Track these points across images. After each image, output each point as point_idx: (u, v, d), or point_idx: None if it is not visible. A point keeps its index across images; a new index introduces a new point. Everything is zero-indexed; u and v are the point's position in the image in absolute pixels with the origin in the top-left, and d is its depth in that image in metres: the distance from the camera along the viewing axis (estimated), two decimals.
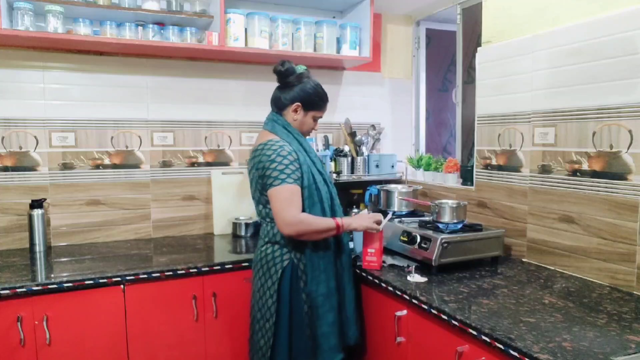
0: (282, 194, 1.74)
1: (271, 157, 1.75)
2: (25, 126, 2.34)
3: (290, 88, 1.88)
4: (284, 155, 1.76)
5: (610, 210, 1.78)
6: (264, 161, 1.76)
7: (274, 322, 1.80)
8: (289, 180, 1.74)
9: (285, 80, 1.89)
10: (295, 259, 1.81)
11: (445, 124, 3.56)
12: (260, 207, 1.87)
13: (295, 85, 1.88)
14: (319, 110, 1.94)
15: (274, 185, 1.74)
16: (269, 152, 1.77)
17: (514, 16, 2.21)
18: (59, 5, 2.13)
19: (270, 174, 1.74)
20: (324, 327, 1.81)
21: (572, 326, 1.41)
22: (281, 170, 1.74)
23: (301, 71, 1.90)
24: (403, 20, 3.17)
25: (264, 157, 1.77)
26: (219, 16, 2.36)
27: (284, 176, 1.73)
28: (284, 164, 1.75)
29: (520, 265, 2.07)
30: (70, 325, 1.87)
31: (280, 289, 1.80)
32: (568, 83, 1.93)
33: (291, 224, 1.73)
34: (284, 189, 1.73)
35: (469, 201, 2.40)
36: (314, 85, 1.90)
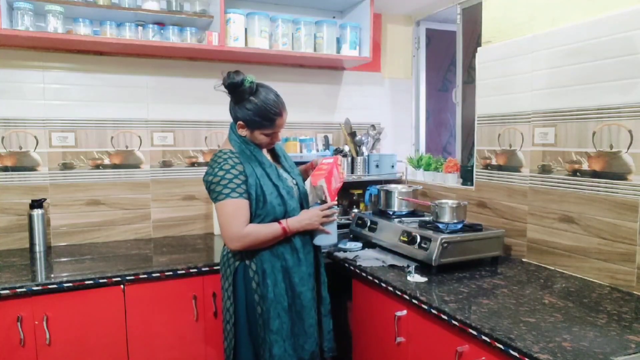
0: (225, 209, 1.70)
1: (215, 171, 1.72)
2: (25, 126, 2.34)
3: (238, 103, 1.82)
4: (227, 170, 1.71)
5: (610, 210, 1.78)
6: (209, 173, 1.74)
7: (233, 322, 1.79)
8: (233, 194, 1.70)
9: (233, 94, 1.83)
10: (247, 259, 1.78)
11: (445, 124, 3.56)
12: None
13: (242, 101, 1.81)
14: (265, 129, 1.81)
15: (218, 199, 1.71)
16: (213, 165, 1.74)
17: (514, 16, 2.21)
18: (59, 5, 2.13)
19: (215, 189, 1.71)
20: (268, 334, 1.74)
21: (572, 326, 1.41)
22: (224, 185, 1.70)
23: (245, 86, 1.79)
24: (403, 20, 3.17)
25: (209, 169, 1.75)
26: (219, 16, 2.36)
27: (228, 190, 1.70)
28: (227, 178, 1.71)
29: (520, 265, 2.07)
30: (70, 325, 1.87)
31: (236, 290, 1.79)
32: (568, 83, 1.93)
33: (236, 239, 1.70)
34: (227, 204, 1.70)
35: (469, 201, 2.40)
36: (254, 101, 1.79)
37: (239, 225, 1.70)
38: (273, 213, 1.76)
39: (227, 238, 1.72)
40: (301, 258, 1.80)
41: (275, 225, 1.75)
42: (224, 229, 1.72)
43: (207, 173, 1.75)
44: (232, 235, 1.70)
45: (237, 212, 1.70)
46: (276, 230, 1.74)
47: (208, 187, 1.75)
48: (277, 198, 1.77)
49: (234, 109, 1.85)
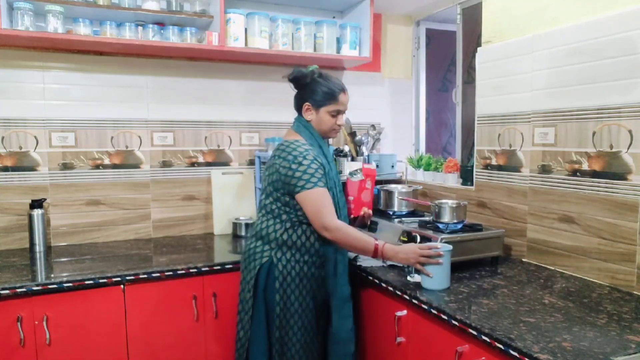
0: (316, 196, 1.73)
1: (298, 159, 1.74)
2: (25, 126, 2.34)
3: (303, 88, 1.92)
4: (311, 160, 1.76)
5: (610, 210, 1.78)
6: (290, 160, 1.75)
7: (250, 315, 1.82)
8: (320, 184, 1.74)
9: (298, 85, 1.93)
10: (275, 257, 1.80)
11: (445, 124, 3.56)
12: (267, 201, 1.86)
13: (307, 85, 1.90)
14: (330, 104, 1.90)
15: (306, 188, 1.72)
16: (295, 153, 1.76)
17: (514, 16, 2.21)
18: (59, 5, 2.13)
19: (301, 177, 1.73)
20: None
21: (572, 326, 1.41)
22: (311, 173, 1.73)
23: (308, 71, 1.90)
24: (403, 20, 3.17)
25: (291, 156, 1.76)
26: (219, 16, 2.36)
27: (315, 179, 1.73)
28: (313, 167, 1.74)
29: (520, 265, 2.07)
30: (70, 325, 1.87)
31: (257, 285, 1.81)
32: (568, 83, 1.93)
33: (330, 229, 1.72)
34: (319, 192, 1.73)
35: (469, 201, 2.39)
36: (319, 80, 1.89)
37: (332, 215, 1.73)
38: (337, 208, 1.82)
39: (320, 226, 1.73)
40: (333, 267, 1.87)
41: (371, 240, 1.76)
42: (317, 217, 1.73)
43: (287, 160, 1.75)
44: (327, 225, 1.72)
45: (328, 201, 1.74)
46: (369, 246, 1.75)
47: (291, 174, 1.74)
48: (339, 194, 1.87)
49: (299, 95, 1.94)
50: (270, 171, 1.84)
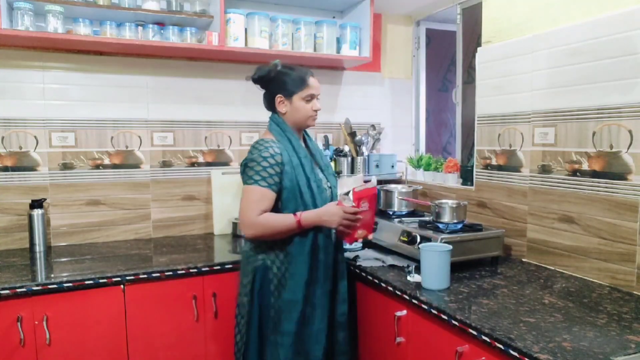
0: (249, 194, 1.72)
1: (253, 155, 1.74)
2: (25, 126, 2.34)
3: (270, 84, 1.87)
4: (265, 157, 1.72)
5: (610, 210, 1.78)
6: (247, 158, 1.76)
7: (247, 320, 1.79)
8: (263, 183, 1.70)
9: (264, 82, 1.88)
10: (269, 260, 1.77)
11: (445, 124, 3.56)
12: None
13: (274, 80, 1.85)
14: (302, 90, 1.83)
15: (247, 183, 1.73)
16: (253, 150, 1.76)
17: (514, 16, 2.21)
18: (59, 5, 2.13)
19: (247, 172, 1.73)
20: (277, 336, 1.75)
21: (572, 326, 1.41)
22: (258, 171, 1.71)
23: (271, 66, 1.84)
24: (403, 20, 3.17)
25: (249, 154, 1.77)
26: (219, 16, 2.36)
27: (259, 177, 1.70)
28: (263, 165, 1.71)
29: (520, 265, 2.07)
30: (70, 325, 1.87)
31: (253, 289, 1.78)
32: (568, 83, 1.93)
33: (249, 225, 1.71)
34: (253, 190, 1.71)
35: (469, 201, 2.39)
36: (284, 70, 1.83)
37: (256, 212, 1.69)
38: (303, 205, 1.75)
39: (242, 223, 1.73)
40: (320, 259, 1.79)
41: (290, 216, 1.73)
42: (241, 213, 1.73)
43: (246, 158, 1.77)
44: (247, 221, 1.71)
45: (260, 200, 1.70)
46: (290, 221, 1.72)
47: (242, 170, 1.78)
48: (308, 190, 1.77)
49: (268, 92, 1.89)
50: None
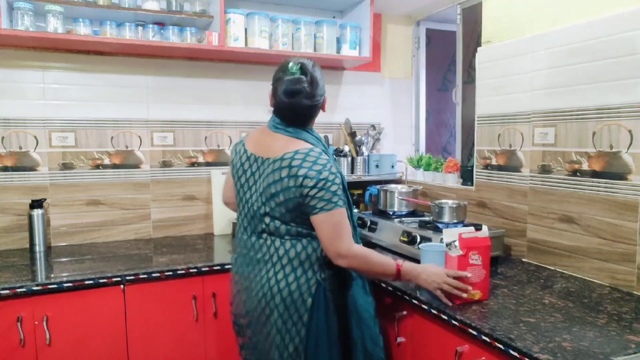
0: (337, 218, 1.51)
1: (323, 175, 1.49)
2: (25, 126, 2.34)
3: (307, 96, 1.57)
4: (336, 174, 1.53)
5: (610, 210, 1.78)
6: (313, 177, 1.48)
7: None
8: (340, 203, 1.52)
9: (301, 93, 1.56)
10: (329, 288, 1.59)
11: (445, 124, 3.56)
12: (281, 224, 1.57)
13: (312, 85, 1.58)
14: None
15: (325, 209, 1.49)
16: (322, 163, 1.51)
17: (514, 16, 2.21)
18: (59, 5, 2.13)
19: (323, 196, 1.48)
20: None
21: (572, 326, 1.41)
22: (334, 191, 1.50)
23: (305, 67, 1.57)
24: (403, 20, 3.17)
25: (317, 166, 1.49)
26: (219, 16, 2.36)
27: (337, 199, 1.51)
28: (337, 183, 1.52)
29: (520, 265, 2.07)
30: (70, 325, 1.87)
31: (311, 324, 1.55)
32: (568, 83, 1.93)
33: (346, 255, 1.52)
34: (341, 214, 1.52)
35: (469, 201, 2.39)
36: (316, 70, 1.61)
37: (348, 239, 1.53)
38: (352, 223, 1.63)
39: (334, 253, 1.51)
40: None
41: (391, 262, 1.61)
42: (335, 240, 1.51)
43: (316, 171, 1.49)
44: (344, 250, 1.51)
45: (345, 222, 1.54)
46: (391, 268, 1.60)
47: (309, 191, 1.48)
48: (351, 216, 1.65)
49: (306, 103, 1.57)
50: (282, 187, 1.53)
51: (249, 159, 1.65)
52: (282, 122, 1.60)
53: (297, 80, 1.54)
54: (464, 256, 1.56)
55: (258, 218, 1.60)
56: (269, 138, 1.63)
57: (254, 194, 1.61)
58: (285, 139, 1.59)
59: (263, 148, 1.62)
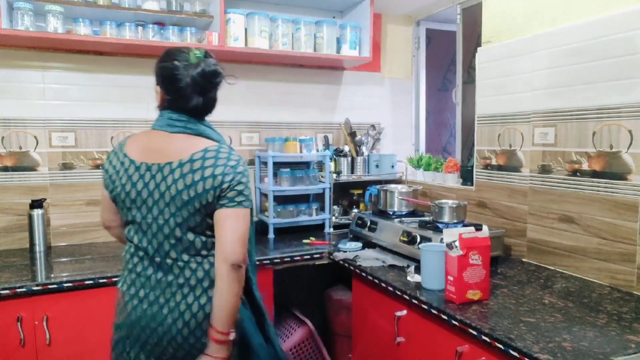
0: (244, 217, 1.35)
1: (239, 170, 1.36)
2: (25, 126, 2.34)
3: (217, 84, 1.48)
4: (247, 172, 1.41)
5: (610, 210, 1.78)
6: (229, 173, 1.33)
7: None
8: (251, 204, 1.39)
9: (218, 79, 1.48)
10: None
11: (445, 124, 3.56)
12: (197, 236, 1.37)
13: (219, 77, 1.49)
14: None
15: (239, 204, 1.34)
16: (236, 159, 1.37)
17: (514, 16, 2.21)
18: (59, 5, 2.13)
19: (239, 192, 1.34)
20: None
21: (572, 326, 1.41)
22: (247, 190, 1.38)
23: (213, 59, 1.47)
24: (403, 20, 3.17)
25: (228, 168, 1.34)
26: (219, 16, 2.36)
27: (250, 197, 1.39)
28: (248, 182, 1.39)
29: (520, 265, 2.07)
30: (70, 325, 1.87)
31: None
32: (568, 83, 1.93)
33: (241, 264, 1.33)
34: (247, 214, 1.37)
35: (469, 201, 2.39)
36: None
37: (246, 246, 1.37)
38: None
39: (235, 254, 1.31)
40: None
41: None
42: (238, 241, 1.32)
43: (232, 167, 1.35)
44: (243, 257, 1.33)
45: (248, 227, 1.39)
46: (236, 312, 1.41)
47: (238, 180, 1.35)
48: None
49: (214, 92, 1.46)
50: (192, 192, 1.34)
51: (138, 170, 1.38)
52: (182, 117, 1.39)
53: (214, 62, 1.44)
54: (464, 256, 1.57)
55: (165, 234, 1.36)
56: (162, 140, 1.39)
57: (152, 207, 1.36)
58: (187, 139, 1.38)
59: (156, 153, 1.38)
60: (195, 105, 1.39)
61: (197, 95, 1.39)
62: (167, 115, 1.41)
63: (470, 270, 1.58)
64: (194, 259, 1.38)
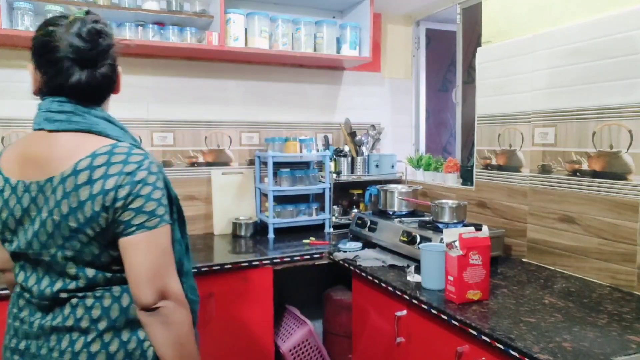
0: (160, 240, 1.04)
1: (139, 176, 1.03)
2: (25, 126, 2.34)
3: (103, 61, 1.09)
4: (157, 174, 1.07)
5: (610, 210, 1.78)
6: (126, 184, 1.01)
7: None
8: (167, 217, 1.06)
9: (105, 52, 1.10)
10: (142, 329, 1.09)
11: (445, 124, 3.56)
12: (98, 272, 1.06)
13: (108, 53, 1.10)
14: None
15: (146, 226, 1.02)
16: (130, 169, 1.02)
17: (514, 16, 2.21)
18: (59, 5, 2.13)
19: (142, 207, 1.02)
20: None
21: (573, 326, 1.41)
22: (158, 199, 1.04)
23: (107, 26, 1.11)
24: (403, 20, 3.17)
25: (123, 176, 1.01)
26: (219, 16, 2.36)
27: (162, 210, 1.05)
28: (160, 188, 1.06)
29: (520, 265, 2.07)
30: None
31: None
32: (568, 83, 1.93)
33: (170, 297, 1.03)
34: (163, 234, 1.05)
35: (469, 201, 2.39)
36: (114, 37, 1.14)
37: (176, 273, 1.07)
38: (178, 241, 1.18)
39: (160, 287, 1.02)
40: None
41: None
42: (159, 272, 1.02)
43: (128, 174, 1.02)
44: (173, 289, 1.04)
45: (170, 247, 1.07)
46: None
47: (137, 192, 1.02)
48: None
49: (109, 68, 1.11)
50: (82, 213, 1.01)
51: (14, 191, 1.06)
52: (65, 105, 1.06)
53: (97, 17, 1.08)
54: (464, 256, 1.57)
55: (56, 272, 1.06)
56: (41, 144, 1.06)
57: (33, 239, 1.05)
58: (72, 139, 1.05)
59: (35, 166, 1.05)
60: (78, 82, 1.05)
61: (78, 68, 1.04)
62: (45, 105, 1.07)
63: (470, 270, 1.58)
64: (92, 292, 1.07)
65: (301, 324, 2.44)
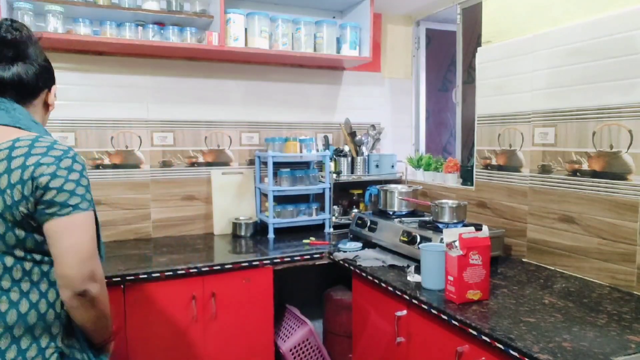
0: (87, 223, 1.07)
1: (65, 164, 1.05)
2: None
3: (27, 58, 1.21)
4: (82, 163, 1.10)
5: (610, 210, 1.78)
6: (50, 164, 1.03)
7: None
8: (92, 205, 1.10)
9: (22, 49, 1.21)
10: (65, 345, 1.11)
11: (445, 124, 3.56)
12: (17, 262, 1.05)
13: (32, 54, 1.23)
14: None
15: (78, 208, 1.04)
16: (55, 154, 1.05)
17: (514, 16, 2.21)
18: (59, 5, 2.13)
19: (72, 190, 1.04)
20: None
21: (572, 326, 1.41)
22: (85, 185, 1.08)
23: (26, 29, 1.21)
24: (403, 20, 3.17)
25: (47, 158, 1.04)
26: (219, 16, 2.36)
27: (89, 196, 1.09)
28: (86, 176, 1.10)
29: (520, 265, 2.07)
30: None
31: None
32: (568, 83, 1.93)
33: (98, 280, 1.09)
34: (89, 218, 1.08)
35: (469, 201, 2.39)
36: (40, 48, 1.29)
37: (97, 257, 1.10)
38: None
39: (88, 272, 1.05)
40: None
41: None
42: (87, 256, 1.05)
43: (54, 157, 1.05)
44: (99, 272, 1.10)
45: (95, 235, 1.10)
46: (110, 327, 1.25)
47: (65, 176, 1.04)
48: None
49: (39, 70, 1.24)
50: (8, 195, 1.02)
51: None
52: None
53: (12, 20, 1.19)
54: (464, 256, 1.58)
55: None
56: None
57: None
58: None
59: None
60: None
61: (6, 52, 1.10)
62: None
63: (470, 270, 1.59)
64: (17, 286, 1.04)
65: (301, 323, 2.44)
